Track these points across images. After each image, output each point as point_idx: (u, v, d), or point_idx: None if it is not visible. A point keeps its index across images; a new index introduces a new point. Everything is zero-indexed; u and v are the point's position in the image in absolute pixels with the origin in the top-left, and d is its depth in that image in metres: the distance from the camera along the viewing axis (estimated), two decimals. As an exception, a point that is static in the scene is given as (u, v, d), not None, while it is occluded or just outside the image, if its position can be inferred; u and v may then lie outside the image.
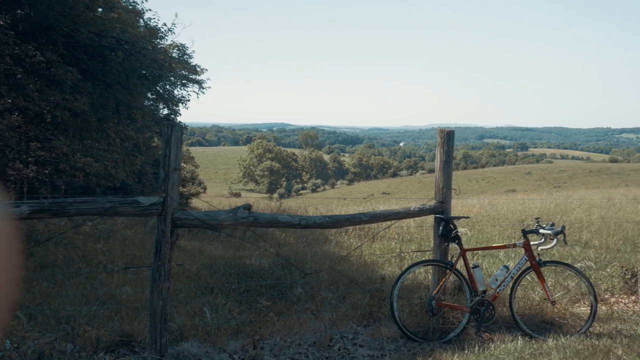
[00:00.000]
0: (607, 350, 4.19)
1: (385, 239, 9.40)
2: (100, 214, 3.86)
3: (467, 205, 14.99)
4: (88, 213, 3.72)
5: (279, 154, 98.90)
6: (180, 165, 3.98)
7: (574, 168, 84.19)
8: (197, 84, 15.78)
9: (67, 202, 3.55)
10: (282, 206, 15.73)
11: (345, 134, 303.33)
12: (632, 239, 8.53)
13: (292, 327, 4.77)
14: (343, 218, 4.50)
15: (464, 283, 4.84)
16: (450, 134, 4.86)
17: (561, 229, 4.81)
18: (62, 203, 3.55)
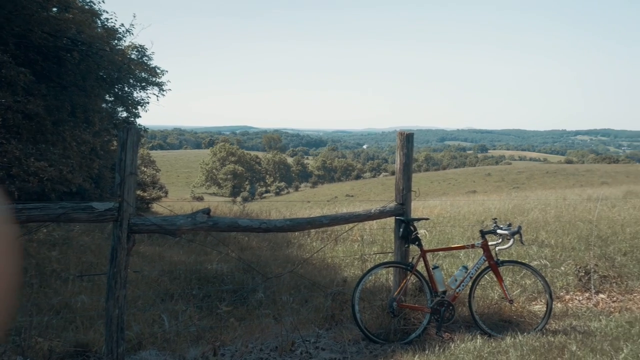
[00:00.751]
0: (562, 346, 4.31)
1: (348, 242, 9.42)
2: (52, 221, 3.74)
3: (428, 207, 15.22)
4: (39, 220, 3.60)
5: (242, 157, 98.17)
6: (137, 170, 3.89)
7: (531, 169, 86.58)
8: (157, 86, 15.51)
9: (16, 209, 3.43)
10: (245, 210, 15.59)
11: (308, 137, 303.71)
12: (585, 237, 8.80)
13: (254, 332, 4.73)
14: (304, 221, 4.49)
15: (424, 284, 4.90)
16: (409, 136, 4.92)
17: (518, 229, 4.93)
18: (11, 209, 3.41)
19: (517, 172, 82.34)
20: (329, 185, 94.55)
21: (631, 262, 7.44)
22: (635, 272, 7.04)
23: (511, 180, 73.13)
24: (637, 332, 4.67)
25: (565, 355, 4.10)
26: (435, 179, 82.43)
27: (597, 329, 4.89)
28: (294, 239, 9.57)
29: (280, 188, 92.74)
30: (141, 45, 15.33)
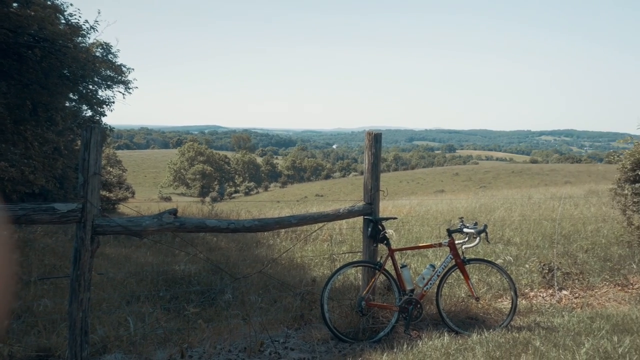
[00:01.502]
0: (527, 342, 4.40)
1: (318, 241, 9.44)
2: (12, 222, 3.62)
3: (398, 206, 15.36)
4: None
5: (210, 157, 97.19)
6: (101, 170, 3.81)
7: (497, 169, 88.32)
8: (123, 85, 15.18)
9: (-27, 211, 3.31)
10: (214, 210, 15.45)
11: (278, 137, 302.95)
12: (549, 235, 9.02)
13: (222, 334, 4.68)
14: (272, 221, 4.47)
15: (392, 283, 4.94)
16: (377, 136, 4.95)
17: (483, 227, 5.02)
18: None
19: (484, 172, 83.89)
20: (299, 185, 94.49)
21: (592, 259, 7.66)
22: (597, 268, 7.25)
23: (478, 179, 74.46)
24: (598, 327, 4.80)
25: (529, 350, 4.18)
26: (404, 179, 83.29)
27: (560, 325, 5.01)
28: (263, 239, 9.53)
29: (250, 188, 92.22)
30: (106, 43, 15.00)
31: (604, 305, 6.08)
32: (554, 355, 4.02)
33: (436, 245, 5.17)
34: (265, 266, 6.33)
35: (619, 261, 7.54)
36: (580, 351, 4.07)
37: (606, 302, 6.25)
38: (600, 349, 4.12)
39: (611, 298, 6.37)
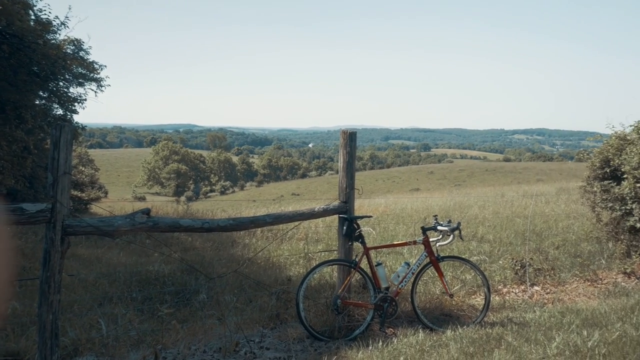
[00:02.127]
0: (500, 337, 4.47)
1: (294, 240, 9.42)
2: (-22, 223, 3.52)
3: (373, 205, 15.43)
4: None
5: (185, 155, 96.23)
6: (71, 169, 3.73)
7: (472, 167, 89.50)
8: (95, 82, 14.89)
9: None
10: (189, 209, 15.30)
11: (254, 135, 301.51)
12: (522, 232, 9.17)
13: (197, 334, 4.64)
14: (247, 220, 4.44)
15: (367, 281, 4.96)
16: (352, 135, 4.96)
17: (457, 225, 5.07)
18: None
19: (459, 170, 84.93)
20: (275, 184, 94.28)
21: (563, 255, 7.82)
22: (567, 264, 7.41)
23: (453, 178, 75.34)
24: (569, 322, 4.90)
25: (502, 346, 4.25)
26: (380, 177, 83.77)
27: (531, 320, 5.10)
28: (238, 238, 9.46)
29: (226, 187, 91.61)
30: (77, 39, 14.68)
31: (574, 300, 6.21)
32: (526, 350, 4.09)
33: (411, 243, 5.21)
34: (240, 266, 6.30)
35: (589, 257, 7.72)
36: (551, 345, 4.15)
37: (576, 297, 6.38)
38: (570, 343, 4.20)
39: (581, 293, 6.51)
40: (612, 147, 8.09)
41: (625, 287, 6.64)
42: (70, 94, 14.38)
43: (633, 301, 5.68)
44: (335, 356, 4.24)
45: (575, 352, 4.00)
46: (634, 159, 7.51)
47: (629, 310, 5.26)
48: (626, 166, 7.55)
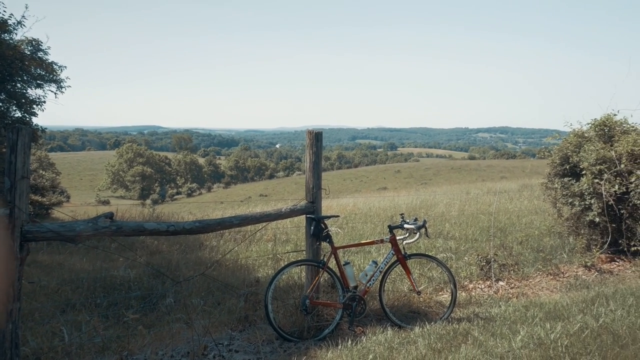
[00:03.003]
0: (466, 332, 4.54)
1: (262, 241, 9.37)
2: None
3: (342, 205, 15.48)
4: None
5: (150, 158, 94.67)
6: (30, 173, 3.62)
7: (437, 166, 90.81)
8: (55, 83, 14.49)
9: None
10: (155, 212, 15.04)
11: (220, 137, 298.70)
12: (486, 229, 9.35)
13: (164, 339, 4.57)
14: (214, 222, 4.39)
15: (336, 280, 4.97)
16: (318, 135, 4.96)
17: (423, 223, 5.13)
18: None
19: (425, 169, 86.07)
20: (243, 186, 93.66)
21: (527, 250, 8.01)
22: (530, 259, 7.59)
23: (419, 176, 76.31)
24: (532, 315, 5.02)
25: (468, 340, 4.32)
26: (347, 177, 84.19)
27: (497, 315, 5.20)
28: (206, 241, 9.36)
29: (192, 189, 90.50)
30: (35, 39, 14.25)
31: (538, 294, 6.37)
32: (491, 344, 4.17)
33: (378, 241, 5.24)
34: (207, 268, 6.23)
35: (551, 251, 7.92)
36: (516, 339, 4.24)
37: (539, 290, 6.54)
38: (534, 335, 4.31)
39: (544, 287, 6.68)
40: (571, 144, 8.33)
41: (585, 280, 6.84)
42: (28, 95, 13.95)
43: (593, 293, 5.86)
44: (304, 356, 4.24)
45: (539, 345, 4.10)
46: (591, 156, 7.75)
47: (590, 302, 5.43)
48: (584, 163, 7.78)
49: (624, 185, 7.42)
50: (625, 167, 7.50)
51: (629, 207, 7.50)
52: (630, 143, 7.58)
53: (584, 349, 3.98)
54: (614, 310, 5.02)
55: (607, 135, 8.17)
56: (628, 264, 7.52)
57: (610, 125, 8.20)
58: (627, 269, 7.35)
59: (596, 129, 8.28)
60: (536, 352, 3.95)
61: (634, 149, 7.54)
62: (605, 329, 4.44)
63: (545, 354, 3.89)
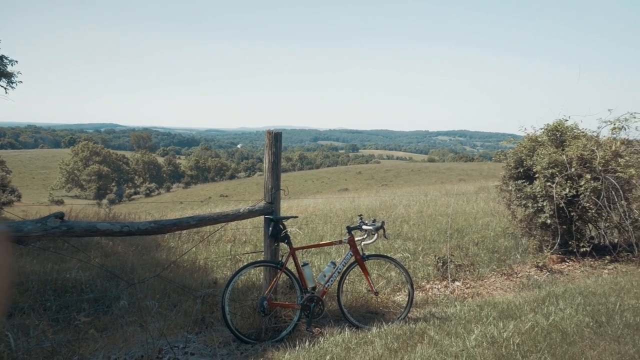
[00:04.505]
0: (422, 332, 4.61)
1: (221, 242, 9.25)
2: None
3: (302, 205, 15.48)
4: None
5: (107, 156, 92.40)
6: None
7: (398, 167, 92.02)
8: (5, 78, 13.99)
9: None
10: (111, 212, 14.65)
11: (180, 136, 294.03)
12: (444, 230, 9.51)
13: (117, 342, 4.44)
14: (170, 223, 4.30)
15: (294, 281, 4.95)
16: (277, 135, 4.93)
17: (381, 224, 5.17)
18: None
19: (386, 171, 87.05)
20: (203, 186, 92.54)
21: (482, 251, 8.19)
22: (486, 260, 7.76)
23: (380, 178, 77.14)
24: (486, 315, 5.14)
25: (424, 340, 4.38)
26: (309, 178, 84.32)
27: (452, 314, 5.29)
28: (164, 242, 9.17)
29: (151, 189, 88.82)
30: (-16, 33, 13.73)
31: (492, 294, 6.52)
32: (447, 343, 4.24)
33: (336, 242, 5.25)
34: (163, 269, 6.11)
35: (505, 252, 8.13)
36: (470, 338, 4.32)
37: (494, 290, 6.70)
38: (487, 334, 4.40)
39: (498, 287, 6.84)
40: (525, 148, 8.57)
41: (537, 280, 7.04)
42: (-24, 90, 13.41)
43: (544, 293, 6.04)
44: (261, 358, 4.20)
45: (492, 343, 4.19)
46: (544, 160, 7.99)
47: (541, 301, 5.59)
48: (537, 166, 8.02)
49: (574, 188, 7.69)
50: (576, 170, 7.77)
51: (578, 209, 7.78)
52: (580, 148, 7.85)
53: (534, 346, 4.10)
54: (563, 309, 5.19)
55: (558, 140, 8.44)
56: (577, 264, 7.79)
57: (562, 130, 8.48)
58: (577, 269, 7.61)
59: (549, 134, 8.54)
60: (489, 350, 4.04)
61: (584, 154, 7.82)
62: (555, 327, 4.58)
63: (498, 352, 3.99)
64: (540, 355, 3.91)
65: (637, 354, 3.90)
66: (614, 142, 8.09)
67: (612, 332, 4.46)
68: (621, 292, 5.88)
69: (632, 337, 4.31)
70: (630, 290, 5.97)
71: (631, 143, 8.25)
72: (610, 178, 7.62)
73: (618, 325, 4.61)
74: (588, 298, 5.61)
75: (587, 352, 3.97)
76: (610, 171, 7.75)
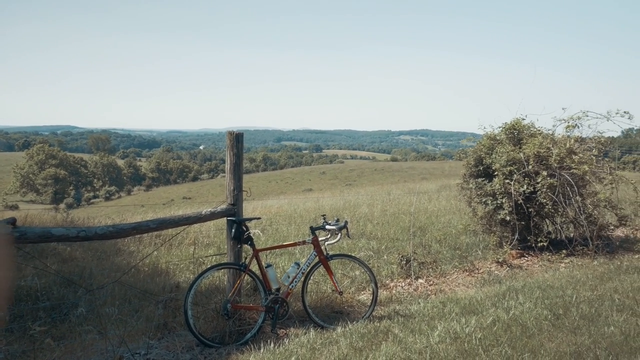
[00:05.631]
0: (387, 330, 4.64)
1: (184, 245, 9.10)
2: None
3: (266, 206, 15.38)
4: None
5: (64, 160, 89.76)
6: None
7: (361, 167, 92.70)
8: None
9: None
10: (69, 217, 14.21)
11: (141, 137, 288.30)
12: (407, 228, 9.61)
13: (75, 351, 4.31)
14: (129, 227, 4.19)
15: (258, 283, 4.91)
16: (239, 136, 4.88)
17: (344, 224, 5.18)
18: None
19: (349, 170, 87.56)
20: (165, 188, 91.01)
21: (444, 249, 8.31)
22: (448, 257, 7.88)
23: (344, 178, 77.52)
24: (449, 311, 5.21)
25: (389, 338, 4.41)
26: (273, 179, 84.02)
27: (416, 311, 5.35)
28: (124, 246, 8.95)
29: (111, 192, 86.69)
30: None
31: (454, 290, 6.62)
32: (411, 340, 4.28)
33: (300, 243, 5.24)
34: (123, 274, 5.96)
35: (467, 249, 8.28)
36: (434, 334, 4.38)
37: (456, 287, 6.81)
38: (450, 330, 4.46)
39: (460, 283, 6.96)
40: (484, 146, 8.74)
41: (498, 275, 7.19)
42: None
43: (505, 287, 6.17)
44: (225, 362, 4.15)
45: (455, 339, 4.25)
46: (502, 158, 8.17)
47: (501, 296, 5.71)
48: (496, 164, 8.19)
49: (532, 185, 7.89)
50: (533, 168, 7.98)
51: (536, 205, 7.98)
52: (537, 145, 8.07)
53: (495, 340, 4.18)
54: (523, 303, 5.31)
55: (516, 138, 8.65)
56: (536, 259, 7.99)
57: (519, 129, 8.69)
58: (535, 264, 7.81)
59: (507, 132, 8.74)
60: (452, 346, 4.10)
61: (540, 151, 8.04)
62: (515, 320, 4.69)
63: (461, 348, 4.04)
64: (501, 349, 3.99)
65: (593, 344, 4.02)
66: (568, 140, 8.35)
67: (569, 323, 4.59)
68: (577, 284, 6.07)
69: (587, 328, 4.45)
70: (585, 282, 6.16)
71: (584, 140, 8.53)
72: (565, 175, 7.86)
73: (574, 317, 4.75)
74: (546, 292, 5.77)
75: (545, 344, 4.07)
76: (565, 168, 7.99)
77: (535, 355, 3.85)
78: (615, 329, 4.38)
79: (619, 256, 7.81)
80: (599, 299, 5.37)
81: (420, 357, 3.88)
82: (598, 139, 8.50)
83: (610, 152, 9.79)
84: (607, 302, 5.25)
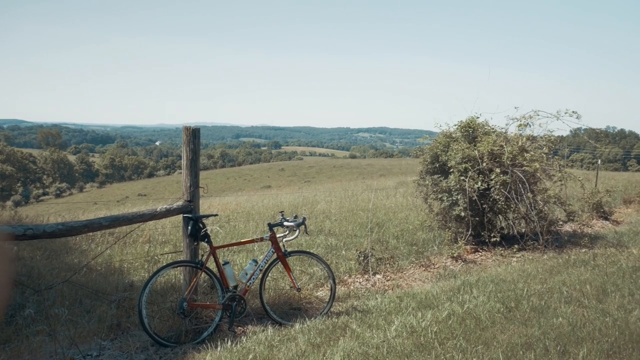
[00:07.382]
0: (345, 325, 4.66)
1: (138, 243, 8.89)
2: None
3: (224, 203, 15.22)
4: None
5: (11, 155, 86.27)
6: None
7: (320, 164, 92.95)
8: None
9: None
10: (17, 215, 13.66)
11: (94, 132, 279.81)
12: (365, 225, 9.69)
13: (22, 355, 4.14)
14: (80, 224, 4.05)
15: (215, 281, 4.85)
16: (195, 131, 4.79)
17: (302, 220, 5.17)
18: None
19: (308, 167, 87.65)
20: (119, 185, 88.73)
21: (401, 244, 8.42)
22: (405, 252, 7.99)
23: (303, 174, 77.53)
24: (406, 305, 5.28)
25: (347, 333, 4.43)
26: (231, 175, 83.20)
27: (374, 307, 5.40)
28: (75, 244, 8.67)
29: (62, 189, 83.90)
30: None
31: (411, 285, 6.72)
32: (368, 335, 4.31)
33: (258, 240, 5.20)
34: (74, 274, 5.77)
35: (423, 244, 8.42)
36: (391, 329, 4.43)
37: (413, 282, 6.91)
38: (407, 324, 4.53)
39: (417, 278, 7.06)
40: (440, 144, 8.90)
41: (453, 270, 7.34)
42: None
43: (459, 282, 6.31)
44: (181, 362, 4.07)
45: (412, 333, 4.32)
46: (457, 155, 8.34)
47: (456, 290, 5.84)
48: (451, 161, 8.35)
49: (486, 182, 8.09)
50: (487, 165, 8.18)
51: (489, 201, 8.19)
52: (491, 143, 8.27)
53: (450, 333, 4.26)
54: (477, 296, 5.45)
55: (471, 136, 8.85)
56: (489, 254, 8.20)
57: (474, 127, 8.89)
58: (489, 258, 8.02)
59: (462, 130, 8.93)
60: (409, 340, 4.15)
61: (494, 149, 8.25)
62: (469, 314, 4.79)
63: (417, 342, 4.10)
64: (456, 341, 4.07)
65: (543, 335, 4.16)
66: (521, 138, 8.60)
67: (520, 316, 4.73)
68: (528, 278, 6.27)
69: (537, 320, 4.60)
70: (536, 276, 6.37)
71: (535, 139, 8.81)
72: (517, 172, 8.09)
73: (525, 310, 4.90)
74: (499, 285, 5.93)
75: (498, 336, 4.18)
76: (517, 165, 8.23)
77: (489, 347, 3.95)
78: (563, 320, 4.54)
79: (567, 250, 8.11)
80: (549, 292, 5.57)
81: (377, 352, 3.91)
82: (548, 138, 8.79)
83: (559, 151, 10.17)
84: (556, 294, 5.45)
